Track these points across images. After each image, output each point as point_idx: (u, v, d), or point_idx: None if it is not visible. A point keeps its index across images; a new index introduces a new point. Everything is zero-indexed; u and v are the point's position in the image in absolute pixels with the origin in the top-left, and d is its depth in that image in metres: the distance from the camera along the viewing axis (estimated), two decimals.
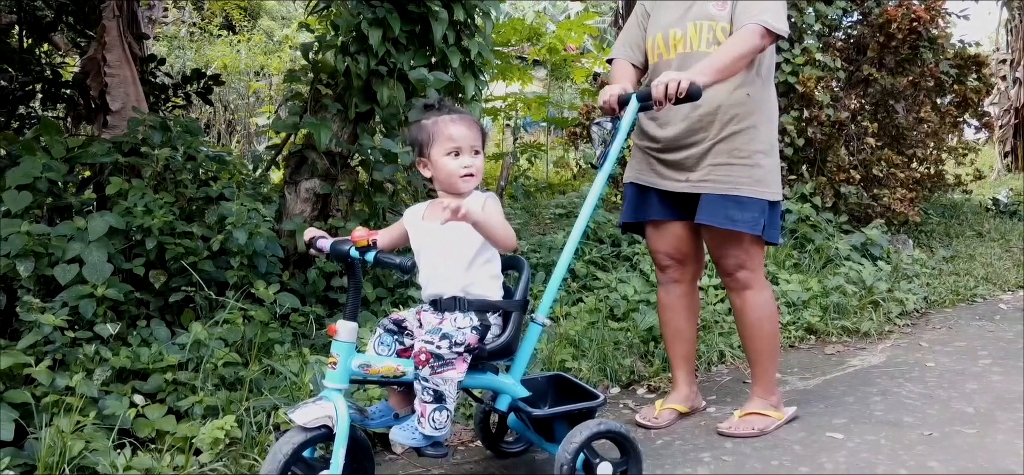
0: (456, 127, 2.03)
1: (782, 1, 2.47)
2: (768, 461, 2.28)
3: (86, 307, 2.97)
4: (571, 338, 3.31)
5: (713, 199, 2.48)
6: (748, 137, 2.49)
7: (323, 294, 3.86)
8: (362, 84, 4.04)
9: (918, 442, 2.39)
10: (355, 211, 4.20)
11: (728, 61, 2.33)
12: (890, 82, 5.99)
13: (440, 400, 1.88)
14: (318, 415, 1.81)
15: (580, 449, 1.95)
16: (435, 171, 2.06)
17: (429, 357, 1.87)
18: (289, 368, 2.93)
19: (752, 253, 2.56)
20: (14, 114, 4.98)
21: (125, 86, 4.07)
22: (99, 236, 3.19)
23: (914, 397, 2.83)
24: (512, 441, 2.41)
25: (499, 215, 1.97)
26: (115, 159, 3.68)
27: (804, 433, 2.51)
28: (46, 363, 2.60)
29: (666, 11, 2.63)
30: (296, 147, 4.21)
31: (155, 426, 2.53)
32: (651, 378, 3.14)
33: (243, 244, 3.41)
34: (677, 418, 2.68)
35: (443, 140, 2.03)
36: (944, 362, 3.27)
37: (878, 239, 5.09)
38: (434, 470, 2.32)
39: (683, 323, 2.74)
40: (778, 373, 3.16)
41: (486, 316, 1.98)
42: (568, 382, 2.27)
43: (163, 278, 3.41)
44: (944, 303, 4.41)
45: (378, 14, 3.96)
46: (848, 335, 3.78)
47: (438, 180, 2.06)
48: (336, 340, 1.88)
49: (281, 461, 1.80)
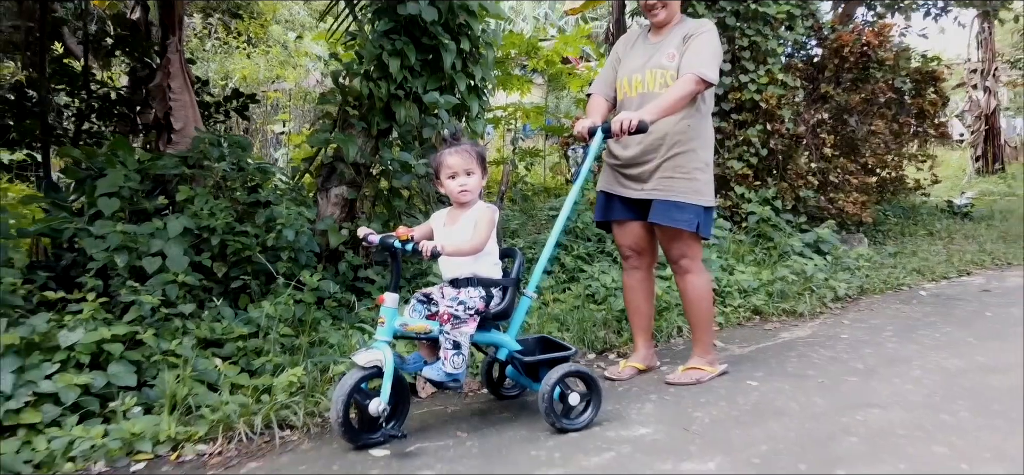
0: (452, 158, 2.81)
1: (715, 57, 3.23)
2: (697, 400, 3.05)
3: (171, 291, 3.72)
4: (557, 316, 4.09)
5: (661, 204, 3.26)
6: (688, 158, 3.26)
7: (351, 283, 4.60)
8: (383, 105, 4.74)
9: (813, 388, 3.15)
10: (376, 213, 4.90)
11: (669, 103, 3.10)
12: (845, 98, 6.76)
13: (458, 347, 2.66)
14: (372, 358, 2.59)
15: (557, 383, 2.72)
16: (444, 189, 2.85)
17: (450, 317, 2.65)
18: (332, 339, 3.70)
19: (691, 246, 3.34)
20: (80, 130, 5.72)
21: (185, 109, 4.83)
22: (177, 234, 3.94)
23: (822, 359, 3.60)
24: (509, 387, 3.18)
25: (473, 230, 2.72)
26: (182, 170, 4.44)
27: (729, 382, 3.28)
28: (151, 332, 3.36)
29: (632, 59, 3.41)
30: (327, 159, 4.93)
31: (234, 381, 3.31)
32: (620, 347, 3.92)
33: (292, 240, 4.16)
34: (636, 373, 3.46)
35: (445, 168, 2.82)
36: (855, 334, 4.04)
37: (828, 237, 5.86)
38: (450, 407, 3.10)
39: (641, 301, 3.53)
40: (722, 343, 3.96)
41: (490, 290, 2.76)
42: (550, 341, 3.05)
43: (224, 268, 4.16)
44: (875, 291, 5.18)
45: (397, 45, 4.66)
46: (787, 315, 4.57)
47: (447, 194, 2.85)
48: (384, 306, 2.66)
49: (347, 390, 2.57)
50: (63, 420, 2.85)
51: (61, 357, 3.08)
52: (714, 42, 3.22)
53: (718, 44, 3.24)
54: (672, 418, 2.85)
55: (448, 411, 3.06)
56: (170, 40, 4.75)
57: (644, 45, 3.42)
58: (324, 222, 4.63)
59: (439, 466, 2.48)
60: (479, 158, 2.84)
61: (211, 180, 4.51)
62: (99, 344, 3.16)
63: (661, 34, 3.37)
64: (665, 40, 3.32)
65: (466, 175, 2.80)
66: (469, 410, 3.06)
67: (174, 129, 4.79)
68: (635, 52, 3.44)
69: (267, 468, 2.55)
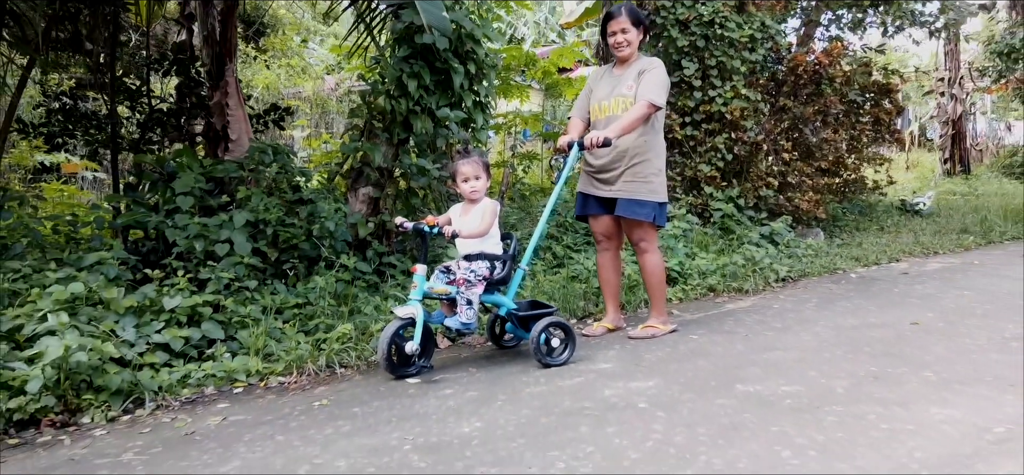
0: (465, 167, 3.81)
1: (663, 87, 4.20)
2: (649, 348, 4.03)
3: (239, 270, 4.70)
4: (546, 291, 5.09)
5: (625, 201, 4.26)
6: (645, 165, 4.25)
7: (377, 267, 5.57)
8: (402, 119, 5.66)
9: (737, 340, 4.12)
10: (397, 209, 5.86)
11: (627, 123, 4.09)
12: (800, 110, 7.76)
13: (470, 304, 3.64)
14: (408, 311, 3.58)
15: (542, 330, 3.71)
16: (458, 190, 3.84)
17: (465, 281, 3.64)
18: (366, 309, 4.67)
19: (648, 232, 4.35)
20: (143, 139, 6.70)
21: (239, 122, 5.81)
22: (241, 225, 4.92)
23: (752, 321, 4.59)
24: (508, 339, 4.17)
25: (480, 219, 3.72)
26: (241, 174, 5.43)
27: (676, 337, 4.25)
28: (231, 299, 4.34)
29: (600, 89, 4.41)
30: (356, 164, 5.89)
31: (292, 337, 4.29)
32: (596, 314, 4.91)
33: (333, 231, 5.14)
34: (606, 332, 4.45)
35: (459, 174, 3.82)
36: (784, 305, 5.02)
37: (781, 230, 6.85)
38: (463, 354, 4.09)
39: (611, 274, 4.53)
40: (677, 311, 4.94)
41: (494, 263, 3.76)
42: (538, 303, 4.06)
43: (276, 254, 5.14)
44: (814, 273, 6.17)
45: (414, 69, 5.58)
46: (736, 292, 5.56)
47: (461, 194, 3.85)
48: (415, 274, 3.64)
49: (390, 334, 3.56)
50: (173, 363, 3.84)
51: (165, 317, 4.06)
52: (662, 75, 4.22)
53: (665, 77, 4.25)
54: (628, 358, 3.84)
55: (461, 356, 4.05)
56: (228, 66, 5.73)
57: (610, 77, 4.42)
58: (354, 217, 5.58)
59: (456, 387, 3.46)
60: (485, 165, 3.83)
61: (264, 182, 5.49)
62: (193, 308, 4.14)
63: (623, 68, 4.37)
64: (626, 73, 4.32)
65: (475, 179, 3.79)
66: (477, 355, 4.06)
67: (231, 139, 5.77)
68: (603, 83, 4.44)
69: (332, 392, 3.53)
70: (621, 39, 4.30)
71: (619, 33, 4.31)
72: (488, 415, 3.02)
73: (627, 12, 4.31)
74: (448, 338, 4.33)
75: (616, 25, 4.32)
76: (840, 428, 2.70)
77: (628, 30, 4.30)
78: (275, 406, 3.31)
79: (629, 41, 4.31)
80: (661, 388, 3.28)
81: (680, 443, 2.63)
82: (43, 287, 3.84)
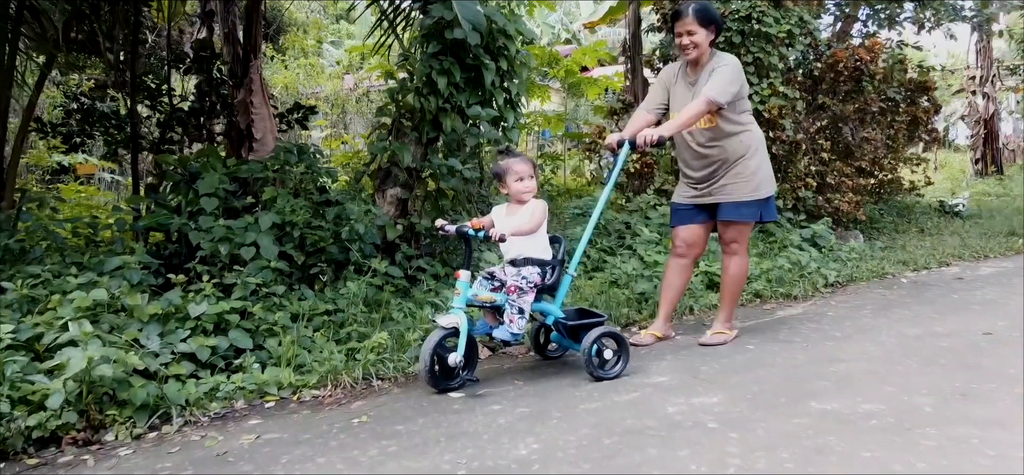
0: (520, 165, 3.56)
1: (730, 83, 3.94)
2: (704, 358, 3.79)
3: (266, 275, 4.48)
4: (587, 297, 4.85)
5: (728, 205, 4.07)
6: (745, 164, 4.05)
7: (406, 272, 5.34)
8: (432, 117, 5.45)
9: (796, 350, 3.87)
10: (427, 211, 5.65)
11: (682, 122, 3.87)
12: (840, 108, 7.48)
13: (521, 312, 3.40)
14: (452, 320, 3.34)
15: (595, 341, 3.47)
16: (509, 191, 3.59)
17: (516, 288, 3.40)
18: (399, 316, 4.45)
19: (744, 234, 4.17)
20: (164, 138, 6.51)
21: (264, 121, 5.61)
22: (267, 228, 4.70)
23: (808, 329, 4.33)
24: (553, 349, 3.93)
25: (530, 217, 3.48)
26: (266, 174, 5.22)
27: (731, 347, 4.00)
28: (260, 306, 4.13)
29: (679, 98, 4.15)
30: (384, 164, 5.68)
31: (323, 347, 4.07)
32: (641, 321, 4.67)
33: (362, 233, 4.92)
34: (654, 340, 4.21)
35: (513, 173, 3.56)
36: (839, 313, 4.76)
37: (823, 233, 6.59)
38: (505, 365, 3.85)
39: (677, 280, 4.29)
40: None
41: (545, 268, 3.52)
42: (586, 311, 3.81)
43: (302, 257, 4.92)
44: (862, 279, 5.90)
45: (444, 65, 5.36)
46: (783, 298, 5.30)
47: (511, 195, 3.60)
48: (459, 280, 3.41)
49: (433, 345, 3.33)
50: (200, 374, 3.62)
51: (191, 325, 3.85)
52: (730, 73, 3.97)
53: (735, 73, 3.99)
54: (684, 370, 3.59)
55: (504, 368, 3.82)
56: (252, 63, 5.53)
57: (684, 83, 4.17)
58: (381, 219, 5.37)
59: (504, 403, 3.23)
60: (535, 166, 3.60)
61: (291, 183, 5.28)
62: (220, 315, 3.93)
63: (697, 72, 4.11)
64: (700, 79, 4.07)
65: (529, 178, 3.55)
66: (521, 366, 3.82)
67: (255, 138, 5.57)
68: (680, 91, 4.19)
69: (370, 406, 3.30)
70: (687, 41, 4.05)
71: (685, 35, 4.05)
72: (544, 435, 2.78)
73: (694, 12, 4.03)
74: (488, 348, 4.10)
75: (682, 26, 4.06)
76: (940, 454, 2.45)
77: (695, 31, 4.03)
78: (311, 423, 3.09)
79: (696, 44, 4.05)
80: (727, 404, 3.03)
81: (764, 470, 2.38)
82: (64, 293, 3.64)
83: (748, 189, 4.07)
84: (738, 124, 4.08)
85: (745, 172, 4.08)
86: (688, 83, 4.16)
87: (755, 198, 4.09)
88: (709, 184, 4.16)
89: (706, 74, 4.04)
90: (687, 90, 4.14)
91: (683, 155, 4.26)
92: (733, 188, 4.09)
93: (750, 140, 4.12)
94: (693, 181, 4.23)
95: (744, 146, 4.08)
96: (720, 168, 4.11)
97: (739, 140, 4.08)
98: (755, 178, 4.09)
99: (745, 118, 4.15)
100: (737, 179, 4.08)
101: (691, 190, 4.25)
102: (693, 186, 4.24)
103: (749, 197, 4.07)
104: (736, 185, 4.08)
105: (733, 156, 4.08)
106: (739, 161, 4.08)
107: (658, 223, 6.46)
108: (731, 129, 4.06)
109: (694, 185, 4.23)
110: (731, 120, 4.06)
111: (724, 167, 4.10)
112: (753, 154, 4.11)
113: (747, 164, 4.08)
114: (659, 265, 5.40)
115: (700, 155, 4.14)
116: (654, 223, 6.50)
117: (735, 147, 4.08)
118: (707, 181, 4.16)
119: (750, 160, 4.09)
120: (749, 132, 4.14)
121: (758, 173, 4.10)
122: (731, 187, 4.09)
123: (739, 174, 4.08)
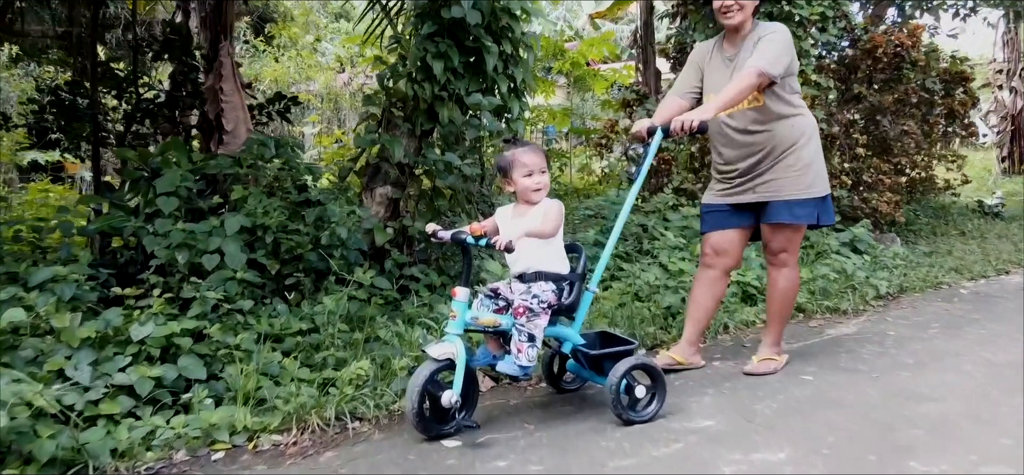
0: (529, 157, 2.87)
1: (781, 54, 3.26)
2: (755, 393, 3.11)
3: (230, 287, 3.81)
4: (605, 313, 4.17)
5: (779, 204, 3.37)
6: (796, 155, 3.36)
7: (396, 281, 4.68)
8: (426, 106, 4.81)
9: (865, 382, 3.20)
10: (421, 212, 4.99)
11: (726, 99, 3.16)
12: (877, 99, 6.79)
13: (532, 339, 2.72)
14: (445, 351, 2.67)
15: (623, 376, 2.79)
16: (516, 187, 2.90)
17: (526, 310, 2.71)
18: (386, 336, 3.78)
19: (794, 241, 3.47)
20: (128, 132, 5.85)
21: (236, 111, 4.94)
22: (234, 232, 4.03)
23: (871, 354, 3.65)
24: (569, 380, 3.25)
25: (543, 219, 2.82)
26: (237, 171, 4.55)
27: (783, 376, 3.34)
28: (217, 326, 3.45)
29: (715, 76, 3.47)
30: (372, 159, 5.01)
31: (295, 375, 3.40)
32: (669, 342, 3.98)
33: (345, 238, 4.25)
34: (672, 364, 3.51)
35: (520, 166, 2.87)
36: (901, 331, 4.09)
37: (863, 236, 5.90)
38: (512, 400, 3.17)
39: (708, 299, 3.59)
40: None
41: (561, 284, 2.83)
42: (611, 335, 3.12)
43: (277, 266, 4.25)
44: (915, 289, 5.22)
45: (441, 48, 4.72)
46: (830, 313, 4.62)
47: (518, 193, 2.91)
48: (455, 300, 2.73)
49: (421, 382, 2.65)
50: (139, 411, 2.95)
51: (133, 351, 3.18)
52: (782, 42, 3.29)
53: (786, 43, 3.31)
54: (733, 410, 2.91)
55: (511, 404, 3.13)
56: (222, 44, 4.87)
57: (722, 61, 3.48)
58: (369, 221, 4.70)
59: (512, 456, 2.55)
60: (547, 158, 2.91)
61: (264, 180, 4.61)
62: (169, 338, 3.26)
63: (736, 45, 3.43)
64: (741, 51, 3.39)
65: (541, 173, 2.87)
66: (531, 403, 3.14)
67: (225, 130, 4.90)
68: (716, 68, 3.51)
69: (343, 457, 2.63)
70: (731, 1, 3.38)
71: None
72: None
73: None
74: (491, 378, 3.41)
75: None
76: None
77: None
78: None
79: (742, 4, 3.38)
80: (801, 463, 2.36)
81: None
82: None
83: (802, 185, 3.38)
84: (789, 105, 3.41)
85: (797, 164, 3.39)
86: (726, 59, 3.48)
87: (810, 196, 3.40)
88: (751, 179, 3.46)
89: (750, 46, 3.36)
90: (725, 68, 3.47)
91: (718, 144, 3.56)
92: (783, 183, 3.39)
93: (803, 125, 3.44)
94: (730, 175, 3.53)
95: (797, 132, 3.40)
96: (766, 159, 3.42)
97: (790, 124, 3.40)
98: (810, 171, 3.40)
99: (796, 99, 3.47)
100: (788, 172, 3.39)
101: (727, 186, 3.55)
102: (730, 181, 3.54)
103: (803, 195, 3.38)
104: (787, 179, 3.39)
105: (783, 144, 3.39)
106: (790, 151, 3.39)
107: (680, 226, 5.78)
108: (781, 110, 3.38)
109: (731, 180, 3.53)
110: (781, 100, 3.38)
111: (771, 158, 3.41)
112: (806, 142, 3.42)
113: (800, 154, 3.39)
114: (685, 275, 4.72)
115: (741, 143, 3.44)
116: (674, 225, 5.82)
117: (786, 133, 3.39)
118: (749, 175, 3.46)
119: (803, 150, 3.40)
120: (802, 116, 3.46)
121: (813, 165, 3.42)
122: (780, 182, 3.40)
123: (790, 166, 3.39)
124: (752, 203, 3.48)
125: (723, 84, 3.41)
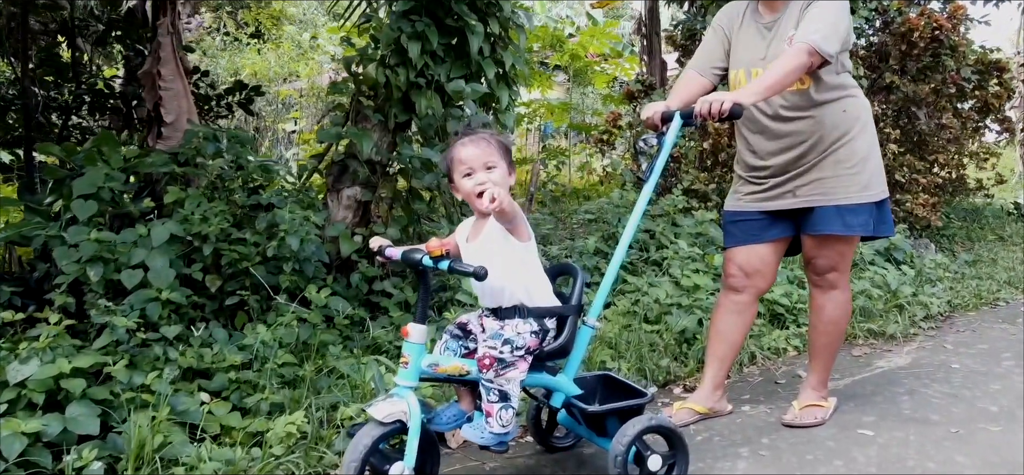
0: (465, 150, 2.15)
1: (837, 24, 2.56)
2: (803, 456, 2.43)
3: (152, 310, 3.13)
4: (608, 340, 3.47)
5: (827, 210, 2.68)
6: (849, 148, 2.67)
7: (365, 297, 4.02)
8: (401, 95, 4.22)
9: (945, 438, 2.52)
10: (394, 217, 4.36)
11: (772, 82, 2.48)
12: (912, 89, 6.10)
13: (505, 399, 2.04)
14: (393, 411, 1.98)
15: (633, 442, 2.10)
16: (459, 193, 2.21)
17: (493, 361, 2.03)
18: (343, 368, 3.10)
19: (846, 256, 2.78)
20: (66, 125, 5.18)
21: (178, 99, 4.25)
22: (161, 243, 3.36)
23: (940, 396, 2.97)
24: (562, 436, 2.56)
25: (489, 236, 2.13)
26: (172, 169, 3.87)
27: (836, 429, 2.66)
28: (123, 362, 2.76)
29: (747, 48, 2.79)
30: (338, 156, 4.37)
31: (222, 422, 2.71)
32: (686, 378, 3.29)
33: (296, 250, 3.57)
34: (696, 418, 2.83)
35: (457, 164, 2.16)
36: (968, 364, 3.40)
37: (901, 244, 5.21)
38: (489, 464, 2.48)
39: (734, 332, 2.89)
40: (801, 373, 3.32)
41: (544, 321, 2.13)
42: (616, 380, 2.42)
43: (218, 282, 3.58)
44: (968, 307, 4.53)
45: (417, 28, 4.12)
46: (874, 337, 3.92)
47: (465, 199, 2.22)
48: (408, 341, 2.04)
49: (362, 453, 1.96)
50: None
51: (9, 397, 2.51)
52: (838, 8, 2.59)
53: (843, 9, 2.61)
54: None
55: (486, 468, 2.44)
56: (161, 21, 4.18)
57: (757, 30, 2.78)
58: (335, 227, 4.07)
59: None
60: (502, 148, 2.17)
61: (206, 180, 3.93)
62: (57, 380, 2.57)
63: (776, 8, 2.73)
64: (782, 22, 2.70)
65: (486, 170, 2.14)
66: (512, 466, 2.44)
67: (165, 122, 4.22)
68: (748, 38, 2.80)
69: None
70: None
71: None
72: None
73: None
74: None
75: None
76: None
77: None
78: None
79: None
80: None
81: None
82: None
83: (857, 185, 2.67)
84: (838, 88, 2.70)
85: (851, 159, 2.68)
86: (762, 27, 2.76)
87: (866, 201, 2.69)
88: (791, 178, 2.73)
89: (795, 11, 2.66)
90: (759, 37, 2.76)
91: (746, 132, 2.84)
92: (833, 184, 2.68)
93: (856, 110, 2.74)
94: (762, 174, 2.81)
95: (850, 118, 2.70)
96: (810, 152, 2.70)
97: (840, 109, 2.69)
98: (865, 169, 2.70)
99: (847, 79, 2.77)
100: (838, 169, 2.68)
101: (757, 189, 2.83)
102: (761, 182, 2.82)
103: (858, 198, 2.67)
104: (838, 179, 2.67)
105: (831, 134, 2.68)
106: (841, 143, 2.68)
107: (693, 232, 5.08)
108: (827, 96, 2.67)
109: (763, 180, 2.81)
110: (828, 84, 2.68)
111: (816, 151, 2.69)
112: (862, 130, 2.72)
113: (853, 147, 2.68)
114: (701, 292, 4.01)
115: (778, 132, 2.72)
116: (686, 232, 5.11)
117: (835, 120, 2.68)
118: (788, 174, 2.74)
119: (857, 141, 2.69)
120: (854, 99, 2.76)
121: (869, 161, 2.72)
122: (830, 182, 2.68)
123: (841, 162, 2.68)
124: (791, 209, 2.77)
125: (757, 58, 2.71)
